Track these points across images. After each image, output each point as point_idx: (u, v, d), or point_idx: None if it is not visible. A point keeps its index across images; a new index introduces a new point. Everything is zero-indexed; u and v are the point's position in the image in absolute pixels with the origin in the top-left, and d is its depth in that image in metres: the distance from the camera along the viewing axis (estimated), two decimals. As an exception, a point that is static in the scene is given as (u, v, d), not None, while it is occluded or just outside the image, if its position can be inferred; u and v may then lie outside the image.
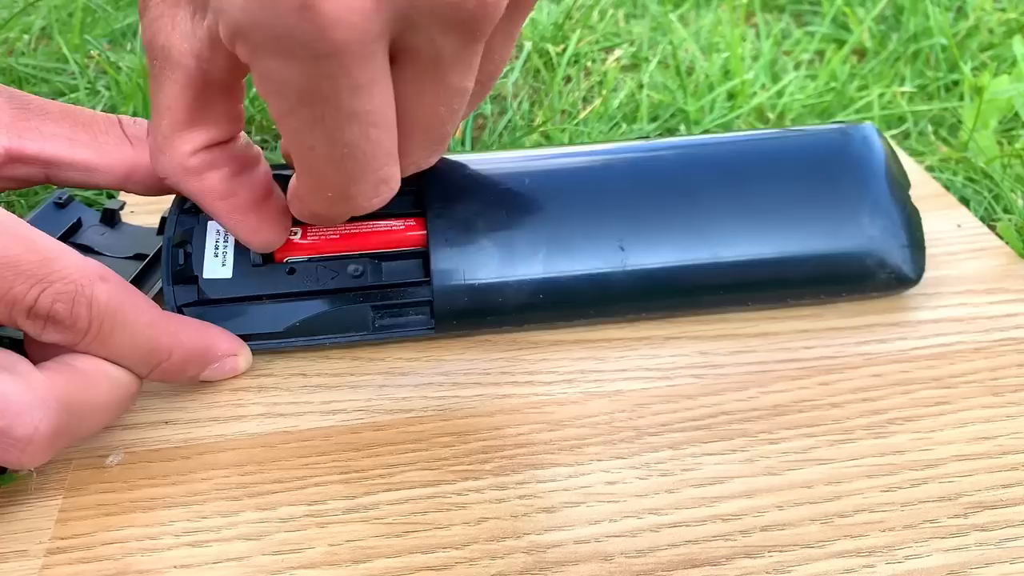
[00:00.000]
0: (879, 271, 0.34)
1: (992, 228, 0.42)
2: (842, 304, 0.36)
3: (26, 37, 0.55)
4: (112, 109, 0.49)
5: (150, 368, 0.28)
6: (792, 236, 0.34)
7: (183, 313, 0.32)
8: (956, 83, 0.55)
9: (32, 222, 0.29)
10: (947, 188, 0.45)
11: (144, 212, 0.39)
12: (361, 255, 0.33)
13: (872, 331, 0.35)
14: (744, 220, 0.33)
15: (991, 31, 0.59)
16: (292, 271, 0.32)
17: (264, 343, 0.32)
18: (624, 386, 0.32)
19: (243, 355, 0.32)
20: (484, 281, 0.32)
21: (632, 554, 0.27)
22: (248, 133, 0.48)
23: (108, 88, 0.50)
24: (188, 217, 0.33)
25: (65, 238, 0.35)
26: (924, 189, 0.43)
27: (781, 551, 0.27)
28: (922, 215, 0.35)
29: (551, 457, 0.30)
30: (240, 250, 0.32)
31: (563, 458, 0.30)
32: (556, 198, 0.33)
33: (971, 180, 0.46)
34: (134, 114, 0.47)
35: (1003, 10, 0.61)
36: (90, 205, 0.41)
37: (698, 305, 0.35)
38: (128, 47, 0.55)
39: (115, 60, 0.52)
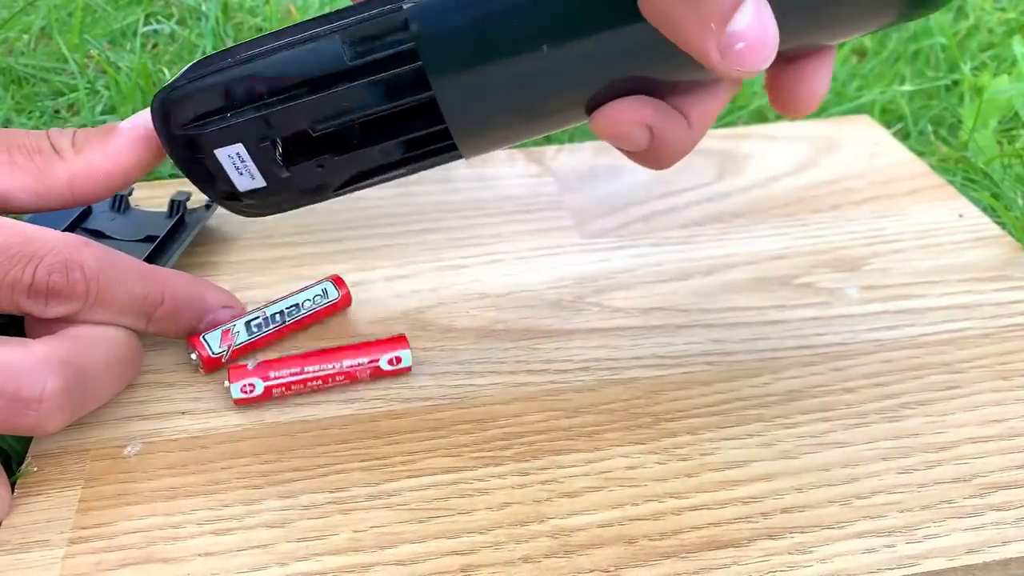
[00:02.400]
0: None
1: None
2: (851, 291, 0.36)
3: (26, 37, 0.55)
4: (112, 109, 0.49)
5: (147, 317, 0.30)
6: None
7: (235, 207, 0.33)
8: (956, 83, 0.55)
9: (42, 210, 0.31)
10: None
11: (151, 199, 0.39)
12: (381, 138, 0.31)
13: (881, 318, 0.35)
14: None
15: (991, 31, 0.60)
16: (321, 166, 0.31)
17: (313, 199, 0.33)
18: (639, 373, 0.33)
19: (232, 303, 0.33)
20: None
21: (655, 537, 0.27)
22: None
23: (108, 88, 0.50)
24: (184, 148, 0.31)
25: (76, 225, 0.36)
26: (925, 180, 0.44)
27: (802, 532, 0.27)
28: (923, 206, 0.36)
29: (570, 443, 0.30)
30: (263, 163, 0.31)
31: (582, 444, 0.30)
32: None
33: (971, 180, 0.47)
34: (134, 112, 0.47)
35: (1003, 10, 0.61)
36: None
37: None
38: (128, 47, 0.55)
39: (115, 60, 0.52)
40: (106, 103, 0.49)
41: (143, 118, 0.31)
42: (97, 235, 0.36)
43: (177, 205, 0.37)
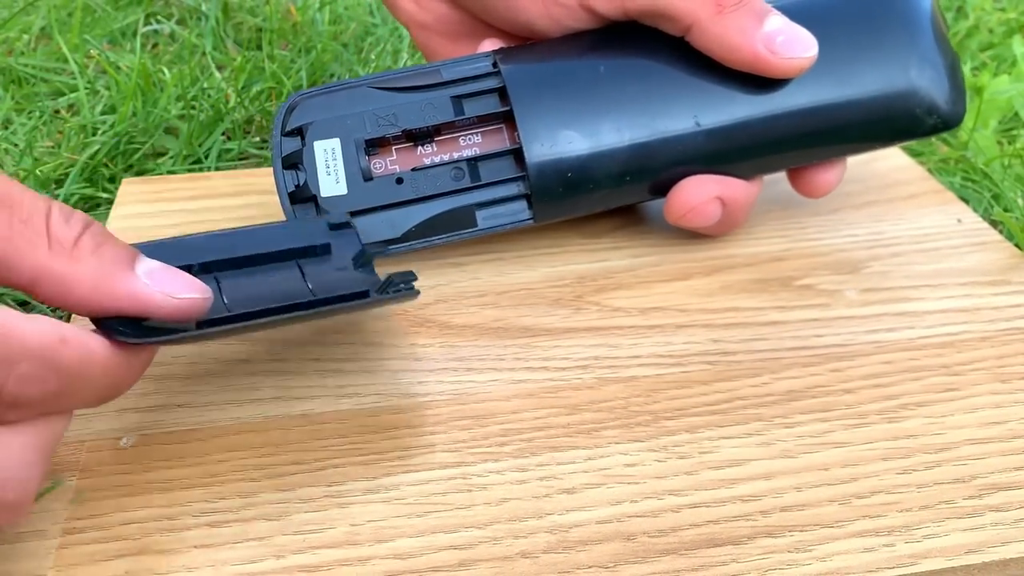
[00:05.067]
0: (926, 116, 0.36)
1: (995, 224, 0.43)
2: (850, 294, 0.36)
3: (26, 37, 0.55)
4: (112, 109, 0.49)
5: None
6: (846, 83, 0.36)
7: None
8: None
9: None
10: (946, 188, 0.46)
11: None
12: (460, 160, 0.35)
13: (880, 320, 0.35)
14: (802, 77, 0.35)
15: (991, 31, 0.60)
16: (400, 180, 0.35)
17: (385, 249, 0.34)
18: (638, 372, 0.32)
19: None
20: (574, 168, 0.35)
21: (654, 534, 0.27)
22: (247, 134, 0.49)
23: (108, 88, 0.50)
24: (291, 139, 0.35)
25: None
26: (922, 186, 0.44)
27: (801, 531, 0.27)
28: (922, 210, 0.36)
29: (569, 440, 0.30)
30: (350, 165, 0.34)
31: (581, 441, 0.30)
32: (631, 79, 0.35)
33: (971, 180, 0.47)
34: (133, 114, 0.47)
35: (1003, 10, 0.62)
36: None
37: (765, 159, 0.37)
38: (128, 47, 0.55)
39: (115, 60, 0.52)
40: (106, 103, 0.49)
41: (168, 286, 0.25)
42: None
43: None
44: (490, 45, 0.37)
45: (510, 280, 0.37)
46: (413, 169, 0.35)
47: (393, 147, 0.36)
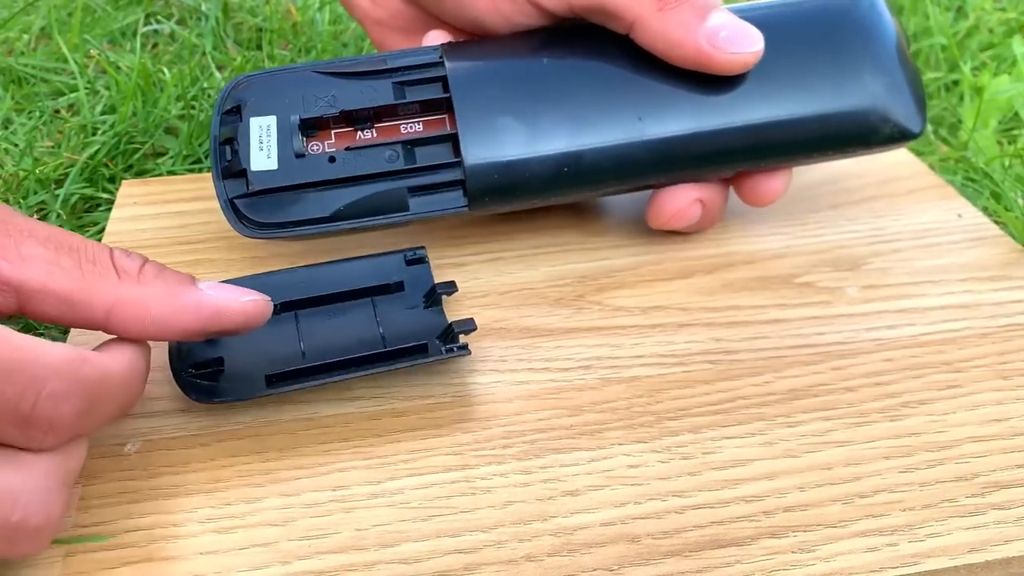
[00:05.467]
0: (884, 126, 0.36)
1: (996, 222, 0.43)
2: (851, 291, 0.36)
3: (26, 37, 0.55)
4: (112, 109, 0.49)
5: None
6: (802, 98, 0.35)
7: (235, 206, 0.33)
8: (956, 83, 0.55)
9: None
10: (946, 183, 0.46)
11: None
12: (395, 142, 0.35)
13: (881, 317, 0.35)
14: (755, 85, 0.35)
15: (991, 31, 0.60)
16: (332, 159, 0.34)
17: (312, 228, 0.34)
18: (640, 372, 0.33)
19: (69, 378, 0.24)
20: (512, 158, 0.34)
21: (659, 535, 0.27)
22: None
23: (108, 88, 0.50)
24: (231, 116, 0.35)
25: None
26: (923, 180, 0.44)
27: (805, 531, 0.27)
28: (922, 206, 0.36)
29: (572, 442, 0.30)
30: (283, 143, 0.34)
31: (584, 442, 0.30)
32: (574, 75, 0.35)
33: (971, 180, 0.47)
34: (133, 114, 0.47)
35: (1003, 10, 0.61)
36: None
37: (714, 169, 0.36)
38: (128, 47, 0.55)
39: (115, 60, 0.52)
40: (106, 103, 0.49)
41: (229, 294, 0.28)
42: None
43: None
44: (436, 37, 0.37)
45: (511, 280, 0.37)
46: (347, 148, 0.34)
47: (332, 131, 0.35)
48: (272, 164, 0.34)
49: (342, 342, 0.32)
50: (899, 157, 0.46)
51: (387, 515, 0.27)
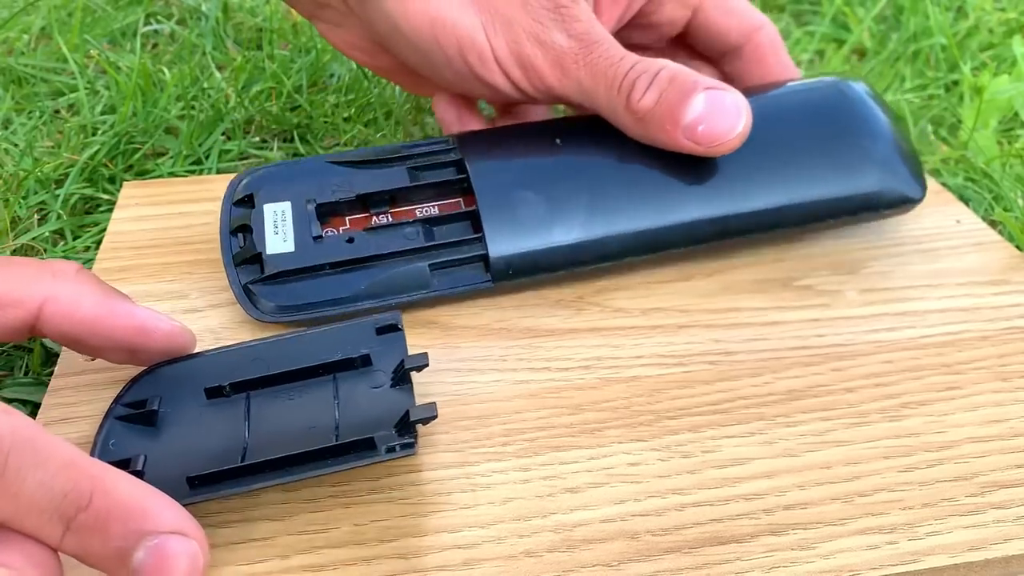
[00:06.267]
0: (888, 198, 0.38)
1: (994, 225, 0.43)
2: (851, 295, 0.37)
3: (26, 37, 0.55)
4: (112, 109, 0.49)
5: (64, 521, 0.22)
6: (812, 185, 0.37)
7: (249, 291, 0.33)
8: (956, 83, 0.56)
9: None
10: (946, 188, 0.46)
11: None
12: (414, 221, 0.35)
13: (881, 320, 0.35)
14: (763, 174, 0.36)
15: (991, 31, 0.60)
16: (351, 240, 0.34)
17: (331, 309, 0.33)
18: (640, 372, 0.33)
19: (195, 537, 0.23)
20: (535, 248, 0.34)
21: (658, 532, 0.27)
22: (247, 134, 0.49)
23: (108, 88, 0.50)
24: (242, 207, 0.35)
25: None
26: (923, 187, 0.44)
27: (805, 529, 0.27)
28: (921, 212, 0.37)
29: (572, 440, 0.30)
30: (299, 227, 0.34)
31: (584, 441, 0.30)
32: (590, 159, 0.36)
33: (971, 180, 0.47)
34: (133, 114, 0.47)
35: (1003, 10, 0.62)
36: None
37: (731, 242, 0.37)
38: (128, 47, 0.55)
39: (115, 60, 0.52)
40: (106, 103, 0.49)
41: (158, 315, 0.28)
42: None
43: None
44: (442, 103, 0.40)
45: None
46: (365, 229, 0.34)
47: (347, 216, 0.35)
48: (289, 247, 0.33)
49: (292, 430, 0.27)
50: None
51: (386, 510, 0.27)
